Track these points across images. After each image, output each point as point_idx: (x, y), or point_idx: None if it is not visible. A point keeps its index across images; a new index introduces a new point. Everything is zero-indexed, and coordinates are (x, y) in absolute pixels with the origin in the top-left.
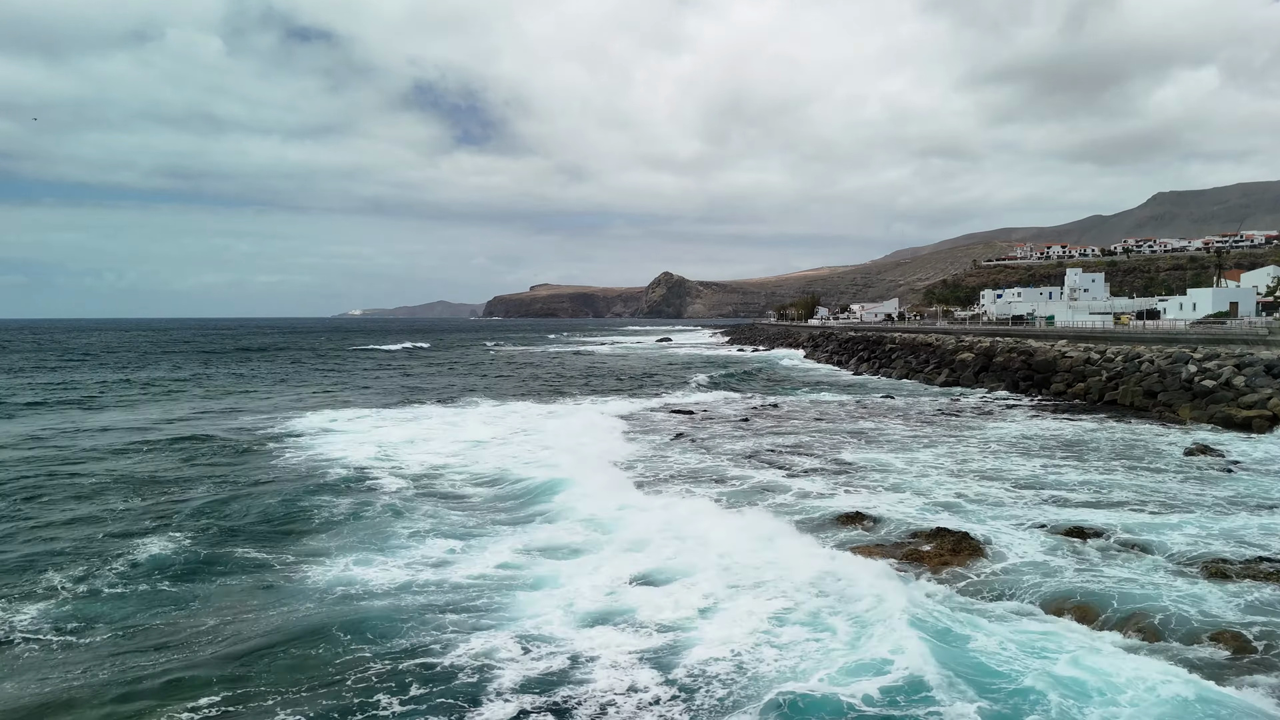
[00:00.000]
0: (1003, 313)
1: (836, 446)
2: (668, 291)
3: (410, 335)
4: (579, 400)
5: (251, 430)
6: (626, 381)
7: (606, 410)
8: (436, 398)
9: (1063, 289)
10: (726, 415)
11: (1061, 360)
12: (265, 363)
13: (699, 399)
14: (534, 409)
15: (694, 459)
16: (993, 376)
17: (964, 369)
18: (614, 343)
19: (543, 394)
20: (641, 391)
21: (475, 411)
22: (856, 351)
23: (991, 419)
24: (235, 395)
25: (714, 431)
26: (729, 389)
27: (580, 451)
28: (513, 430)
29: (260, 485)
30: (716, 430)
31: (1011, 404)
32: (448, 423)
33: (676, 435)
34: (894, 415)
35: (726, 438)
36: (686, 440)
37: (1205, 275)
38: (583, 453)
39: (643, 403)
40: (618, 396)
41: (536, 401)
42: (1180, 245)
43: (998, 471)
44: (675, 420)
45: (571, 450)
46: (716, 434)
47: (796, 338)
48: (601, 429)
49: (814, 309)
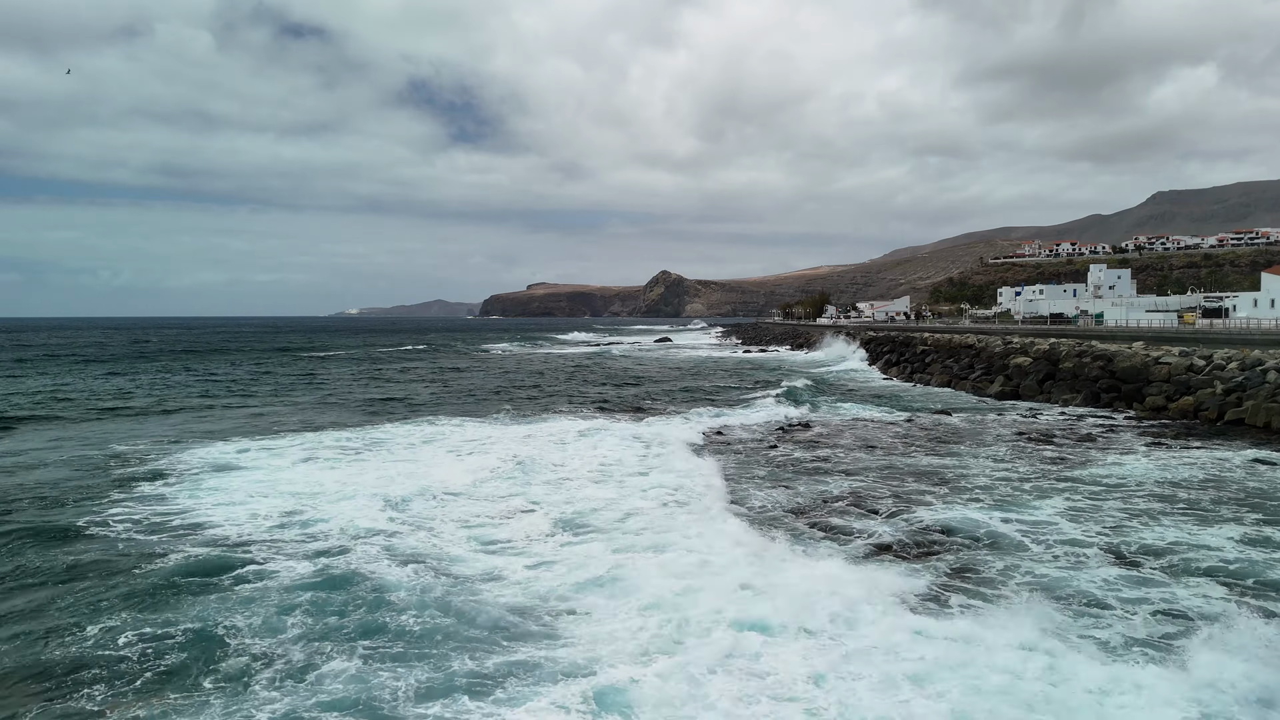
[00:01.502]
0: (1030, 310)
1: (906, 497)
2: (666, 290)
3: (409, 336)
4: (614, 416)
5: (107, 470)
6: (625, 390)
7: (625, 431)
8: (411, 413)
9: (1086, 285)
10: (745, 438)
11: (1155, 368)
12: (229, 365)
13: (723, 418)
14: (545, 429)
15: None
16: (1064, 386)
17: (1023, 376)
18: (611, 342)
19: (560, 407)
20: (654, 407)
21: (459, 433)
22: (882, 353)
23: (1096, 447)
24: (146, 414)
25: (743, 464)
26: (751, 402)
27: (627, 502)
28: (515, 462)
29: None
30: (750, 460)
31: (1108, 424)
32: (411, 453)
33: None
34: (964, 442)
35: (760, 476)
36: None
37: (1220, 273)
38: (629, 504)
39: (662, 424)
40: (624, 414)
41: (548, 417)
42: (1194, 242)
43: (1189, 552)
44: (701, 441)
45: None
46: (750, 466)
47: (807, 337)
48: (628, 457)
49: (822, 307)
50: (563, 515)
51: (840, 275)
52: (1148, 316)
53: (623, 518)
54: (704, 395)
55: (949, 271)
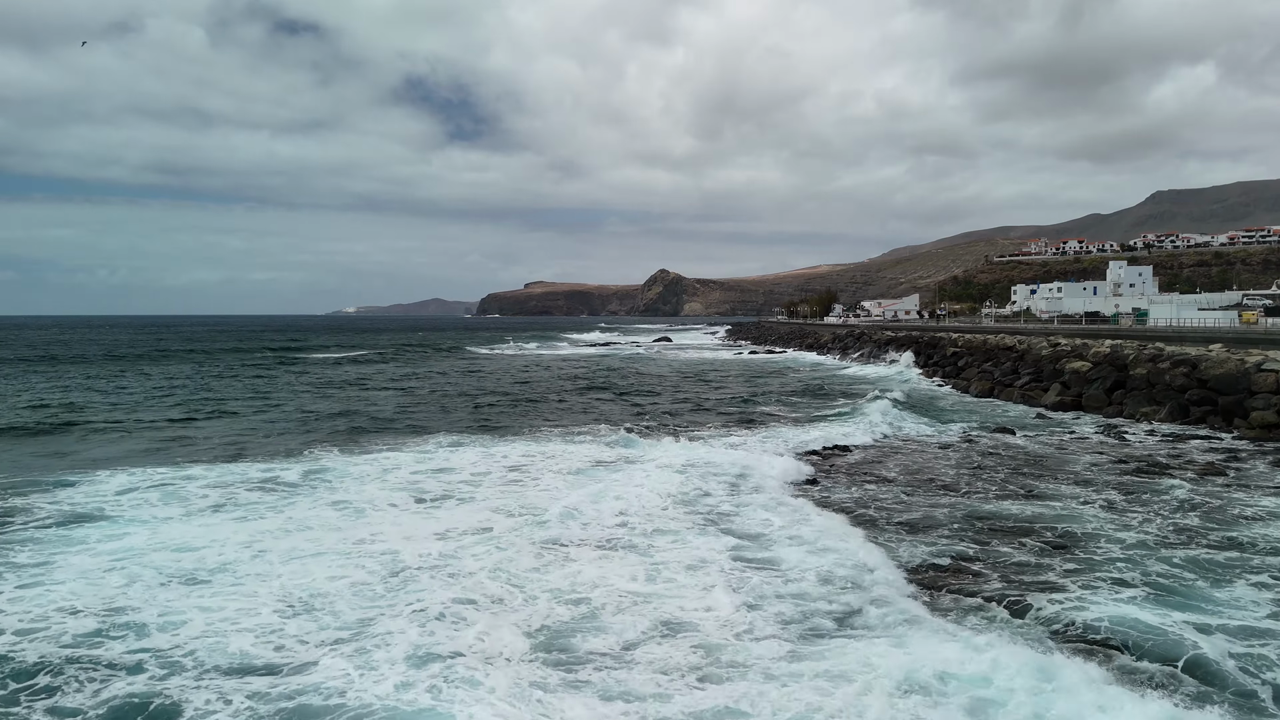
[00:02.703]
0: (1053, 309)
1: (1013, 573)
2: (664, 289)
3: (399, 335)
4: (645, 436)
5: None
6: (641, 400)
7: (665, 459)
8: (375, 433)
9: (1106, 283)
10: (771, 473)
11: (1257, 376)
12: (192, 368)
13: (737, 433)
14: (550, 453)
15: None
16: (1140, 397)
17: (1083, 384)
18: (608, 341)
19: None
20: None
21: (431, 460)
22: (897, 352)
23: (1234, 484)
24: (37, 430)
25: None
26: (755, 419)
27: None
28: (511, 515)
29: None
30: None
31: (1222, 449)
32: (359, 492)
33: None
34: (1051, 476)
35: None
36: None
37: (1231, 271)
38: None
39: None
40: (653, 434)
41: (551, 436)
42: (1203, 240)
43: None
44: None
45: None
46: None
47: (817, 337)
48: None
49: (830, 306)
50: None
51: (839, 274)
52: (1200, 315)
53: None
54: (729, 406)
55: (949, 270)
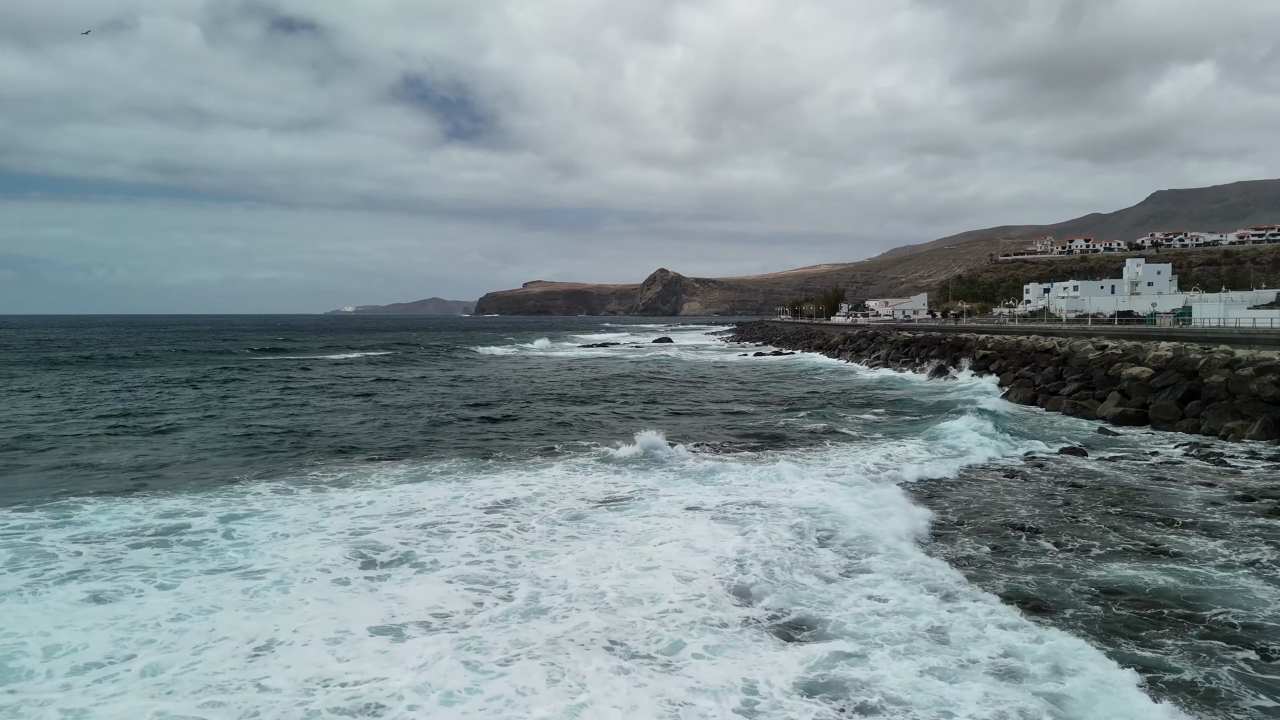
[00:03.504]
0: (1075, 308)
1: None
2: (664, 289)
3: (394, 335)
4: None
5: None
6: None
7: (693, 498)
8: (326, 459)
9: (1123, 281)
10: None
11: None
12: (157, 370)
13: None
14: (550, 486)
15: None
16: (1222, 410)
17: (1147, 393)
18: (607, 342)
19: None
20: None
21: (387, 502)
22: (928, 359)
23: None
24: None
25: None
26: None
27: None
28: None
29: None
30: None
31: None
32: (273, 556)
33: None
34: (1162, 521)
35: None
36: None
37: (1242, 270)
38: None
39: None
40: (672, 467)
41: (549, 462)
42: (1212, 239)
43: None
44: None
45: None
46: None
47: (826, 338)
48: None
49: (836, 305)
50: None
51: (840, 274)
52: (1251, 314)
53: None
54: (755, 418)
55: (950, 270)
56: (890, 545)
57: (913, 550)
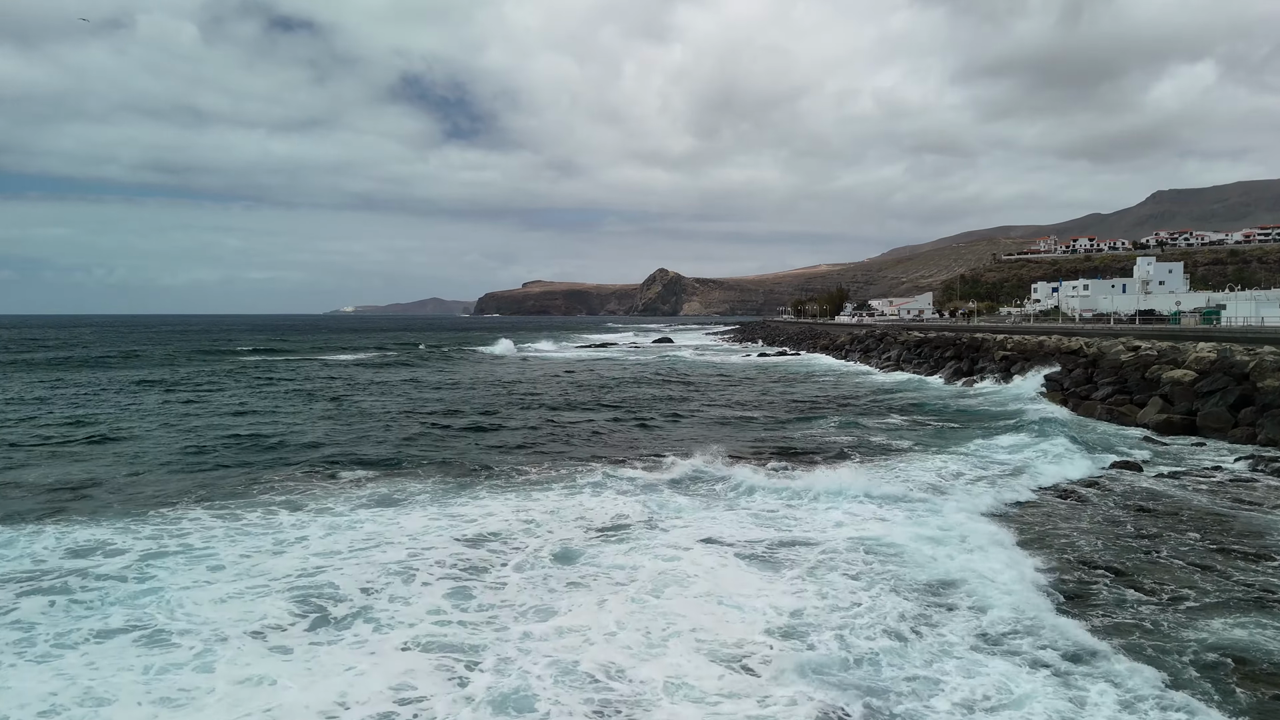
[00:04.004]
0: (1089, 306)
1: None
2: (663, 289)
3: (389, 335)
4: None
5: None
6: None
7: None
8: (282, 478)
9: (1134, 279)
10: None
11: None
12: (126, 372)
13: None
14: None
15: None
16: None
17: (1192, 399)
18: (605, 342)
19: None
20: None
21: (350, 535)
22: (944, 361)
23: None
24: None
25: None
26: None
27: None
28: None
29: None
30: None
31: None
32: (188, 608)
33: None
34: (1267, 559)
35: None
36: None
37: (1248, 269)
38: None
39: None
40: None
41: (549, 485)
42: (1218, 238)
43: None
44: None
45: None
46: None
47: (833, 339)
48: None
49: (841, 305)
50: None
51: (840, 273)
52: None
53: None
54: (773, 426)
55: (951, 270)
56: (995, 598)
57: (1030, 601)
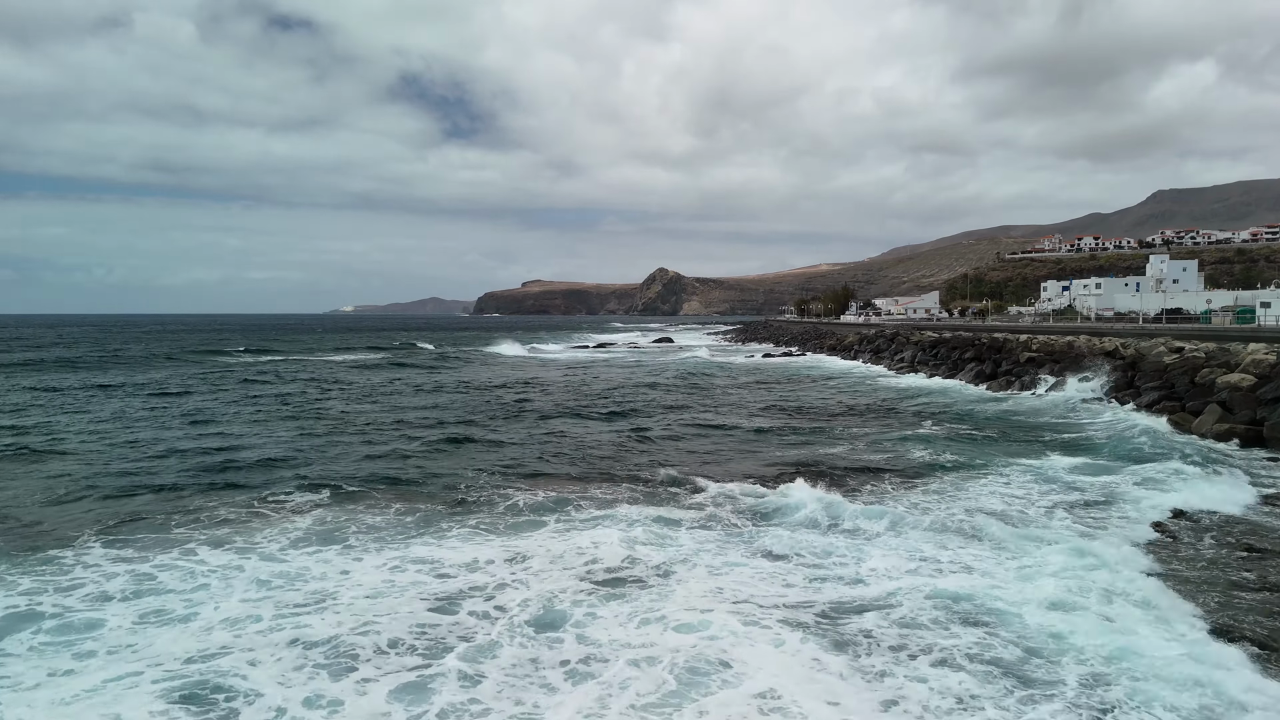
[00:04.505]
0: (1105, 305)
1: None
2: (663, 288)
3: (384, 335)
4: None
5: None
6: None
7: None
8: (235, 507)
9: (1148, 278)
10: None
11: None
12: (98, 374)
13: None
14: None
15: None
16: None
17: (1254, 406)
18: (603, 344)
19: None
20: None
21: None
22: (963, 363)
23: None
24: None
25: None
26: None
27: None
28: None
29: None
30: None
31: None
32: None
33: None
34: None
35: None
36: None
37: (1256, 268)
38: None
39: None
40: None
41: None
42: (1224, 237)
43: None
44: None
45: None
46: None
47: (840, 339)
48: None
49: (846, 304)
50: None
51: (840, 273)
52: None
53: None
54: (793, 437)
55: (953, 269)
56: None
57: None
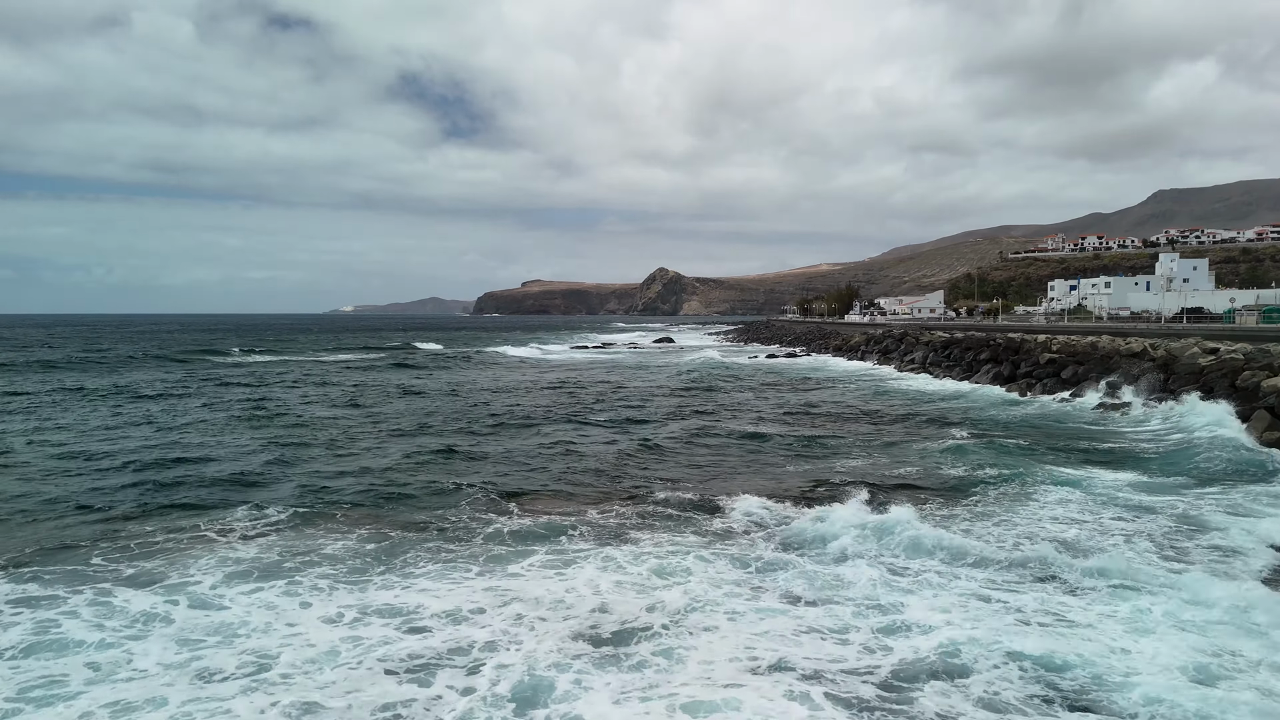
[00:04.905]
0: (1117, 304)
1: None
2: (664, 288)
3: (378, 335)
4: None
5: None
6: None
7: None
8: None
9: (1158, 276)
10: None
11: None
12: (74, 376)
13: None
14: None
15: None
16: None
17: None
18: (604, 344)
19: None
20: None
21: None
22: (978, 365)
23: None
24: None
25: None
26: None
27: None
28: None
29: None
30: None
31: None
32: None
33: None
34: None
35: None
36: None
37: (1261, 267)
38: None
39: None
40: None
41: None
42: (1229, 236)
43: None
44: None
45: None
46: None
47: (846, 339)
48: None
49: (850, 303)
50: None
51: (841, 273)
52: None
53: None
54: (809, 450)
55: (953, 269)
56: None
57: None
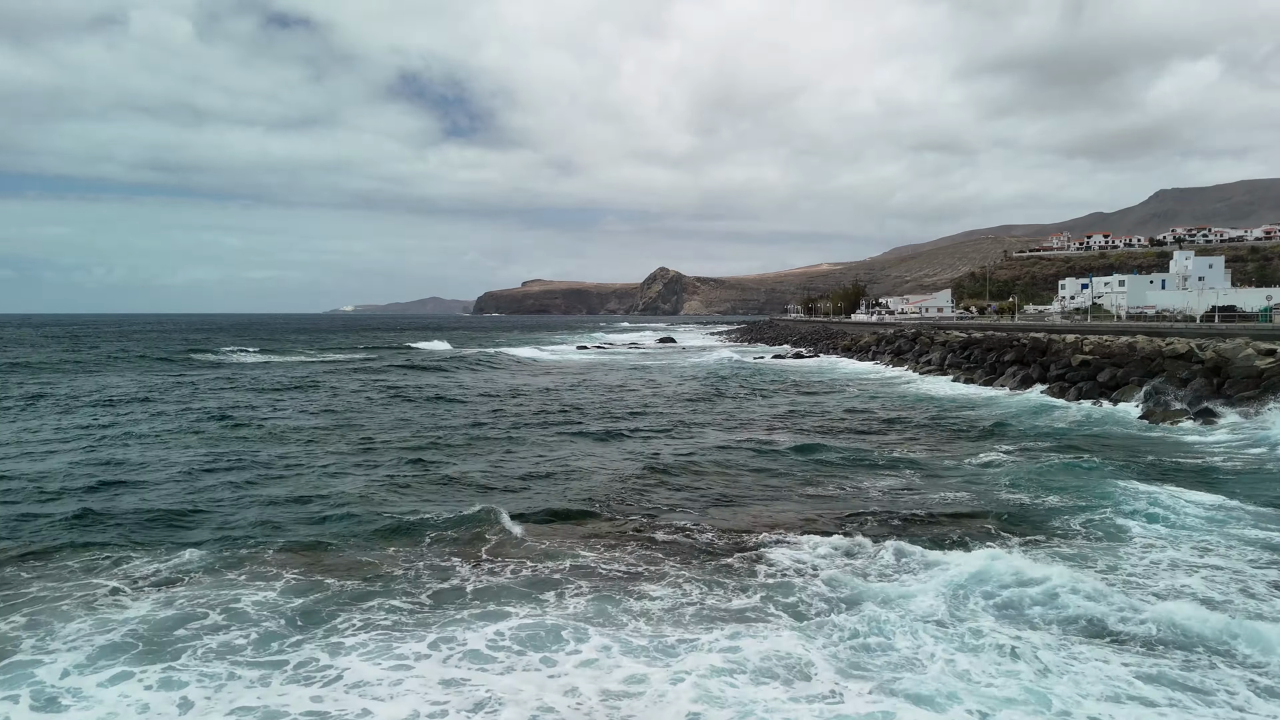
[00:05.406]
0: (1135, 303)
1: None
2: (664, 288)
3: (375, 335)
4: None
5: None
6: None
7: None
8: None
9: (1172, 274)
10: None
11: None
12: (59, 379)
13: None
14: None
15: None
16: None
17: None
18: (603, 344)
19: None
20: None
21: None
22: (1002, 366)
23: None
24: None
25: None
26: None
27: None
28: None
29: None
30: None
31: None
32: None
33: None
34: None
35: None
36: None
37: (1270, 266)
38: None
39: None
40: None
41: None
42: (1237, 235)
43: None
44: None
45: None
46: None
47: (854, 339)
48: None
49: (857, 302)
50: None
51: (842, 272)
52: None
53: None
54: (856, 480)
55: (955, 268)
56: None
57: None
